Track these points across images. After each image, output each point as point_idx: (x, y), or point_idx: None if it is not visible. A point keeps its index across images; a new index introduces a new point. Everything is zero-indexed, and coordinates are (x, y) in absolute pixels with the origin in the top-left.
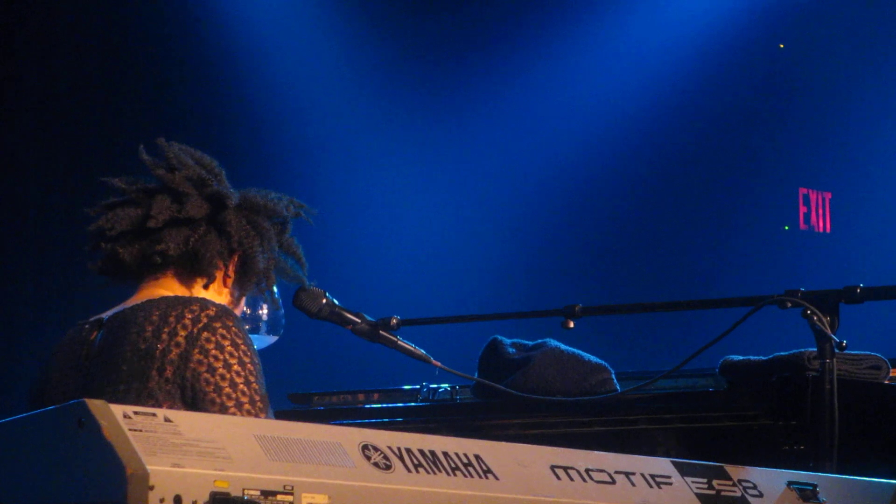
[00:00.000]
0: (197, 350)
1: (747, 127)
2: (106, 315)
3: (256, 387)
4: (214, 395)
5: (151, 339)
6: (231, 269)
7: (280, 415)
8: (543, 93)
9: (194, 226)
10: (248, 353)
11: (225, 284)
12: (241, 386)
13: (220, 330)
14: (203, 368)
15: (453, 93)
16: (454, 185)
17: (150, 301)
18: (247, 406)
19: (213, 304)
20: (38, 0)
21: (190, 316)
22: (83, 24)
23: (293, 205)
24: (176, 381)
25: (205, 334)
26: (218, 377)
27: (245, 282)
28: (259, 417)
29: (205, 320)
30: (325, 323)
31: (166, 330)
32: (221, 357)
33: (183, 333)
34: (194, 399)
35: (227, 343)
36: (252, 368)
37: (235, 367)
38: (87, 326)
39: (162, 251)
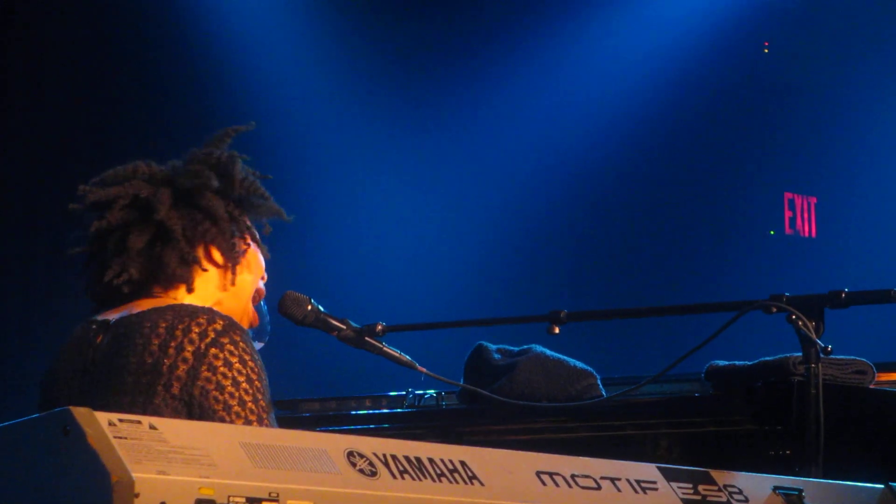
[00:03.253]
0: (205, 367)
1: (732, 131)
2: (112, 318)
3: (264, 404)
4: (224, 413)
5: (158, 353)
6: (212, 257)
7: None
8: (529, 99)
9: (140, 252)
10: (256, 370)
11: (226, 269)
12: (250, 404)
13: (228, 346)
14: (211, 386)
15: (439, 99)
16: (440, 191)
17: (156, 310)
18: (255, 424)
19: (221, 316)
20: (28, 2)
21: (197, 330)
22: (73, 27)
23: (220, 147)
24: (182, 397)
25: (213, 350)
26: (227, 395)
27: (232, 254)
28: None
29: (212, 335)
30: (310, 329)
31: (173, 344)
32: (230, 375)
33: (190, 349)
34: (202, 416)
35: (235, 360)
36: (259, 385)
37: (244, 385)
38: (94, 327)
39: (125, 280)
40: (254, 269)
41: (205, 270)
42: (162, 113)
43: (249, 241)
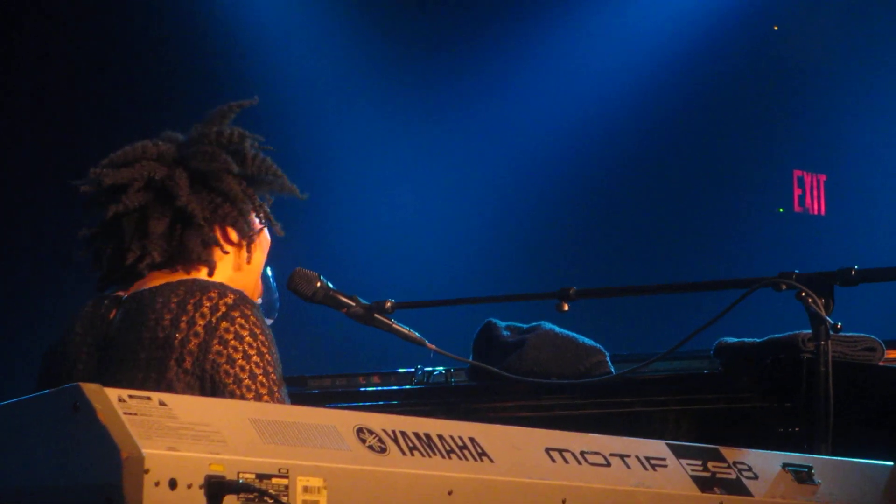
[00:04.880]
0: (216, 341)
1: (742, 109)
2: (125, 294)
3: (275, 377)
4: (234, 386)
5: (170, 327)
6: (229, 238)
7: None
8: (537, 74)
9: (161, 236)
10: (267, 343)
11: (241, 247)
12: (261, 377)
13: (239, 319)
14: (223, 360)
15: (447, 76)
16: (449, 169)
17: (168, 285)
18: (266, 398)
19: (232, 291)
20: None
21: (208, 304)
22: (84, 23)
23: (224, 123)
24: (195, 372)
25: (224, 324)
26: (237, 368)
27: (248, 233)
28: None
29: (223, 309)
30: (319, 306)
31: (184, 319)
32: (241, 348)
33: (201, 323)
34: (214, 391)
35: (245, 333)
36: (270, 359)
37: (255, 359)
38: (106, 302)
39: (148, 263)
40: (264, 245)
41: (226, 253)
42: (172, 93)
43: (263, 218)
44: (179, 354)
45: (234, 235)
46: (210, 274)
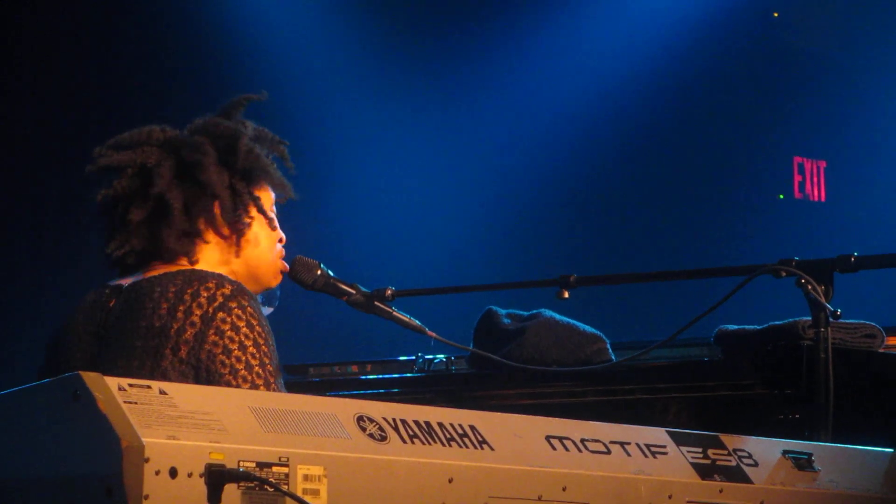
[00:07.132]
0: (212, 331)
1: (742, 96)
2: (125, 283)
3: (271, 368)
4: (230, 377)
5: (167, 317)
6: (215, 230)
7: None
8: (536, 63)
9: (140, 225)
10: (263, 335)
11: (230, 240)
12: (257, 368)
13: (236, 310)
14: (218, 350)
15: (448, 64)
16: (449, 156)
17: (167, 274)
18: (262, 388)
19: (230, 281)
20: None
21: (206, 294)
22: (91, 18)
23: (232, 115)
24: (190, 361)
25: (220, 314)
26: (234, 359)
27: (236, 226)
28: None
29: (220, 299)
30: (320, 294)
31: (181, 308)
32: (237, 339)
33: (198, 313)
34: (209, 380)
35: (242, 324)
36: (267, 350)
37: (251, 349)
38: (107, 291)
39: (127, 251)
40: (265, 236)
41: (207, 243)
42: (178, 86)
43: (255, 211)
44: (175, 343)
45: (221, 228)
46: (192, 263)
